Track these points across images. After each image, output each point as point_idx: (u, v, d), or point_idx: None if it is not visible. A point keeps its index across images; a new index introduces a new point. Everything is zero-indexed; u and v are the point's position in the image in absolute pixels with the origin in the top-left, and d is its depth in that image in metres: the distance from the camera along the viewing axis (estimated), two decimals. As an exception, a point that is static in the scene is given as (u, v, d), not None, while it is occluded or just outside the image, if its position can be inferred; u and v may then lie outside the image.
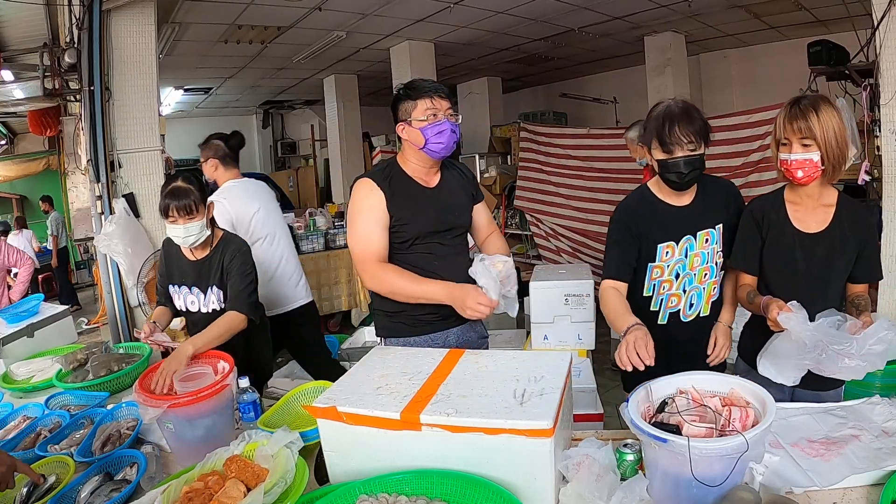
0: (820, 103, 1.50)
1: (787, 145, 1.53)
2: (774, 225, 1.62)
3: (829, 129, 1.48)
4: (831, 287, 1.60)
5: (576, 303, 3.29)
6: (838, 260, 1.58)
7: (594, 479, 1.11)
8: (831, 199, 1.59)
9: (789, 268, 1.61)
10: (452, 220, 1.87)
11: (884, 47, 3.04)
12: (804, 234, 1.59)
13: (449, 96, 1.77)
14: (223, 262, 2.02)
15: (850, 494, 1.13)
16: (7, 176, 7.72)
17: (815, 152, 1.49)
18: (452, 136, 1.76)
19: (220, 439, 1.40)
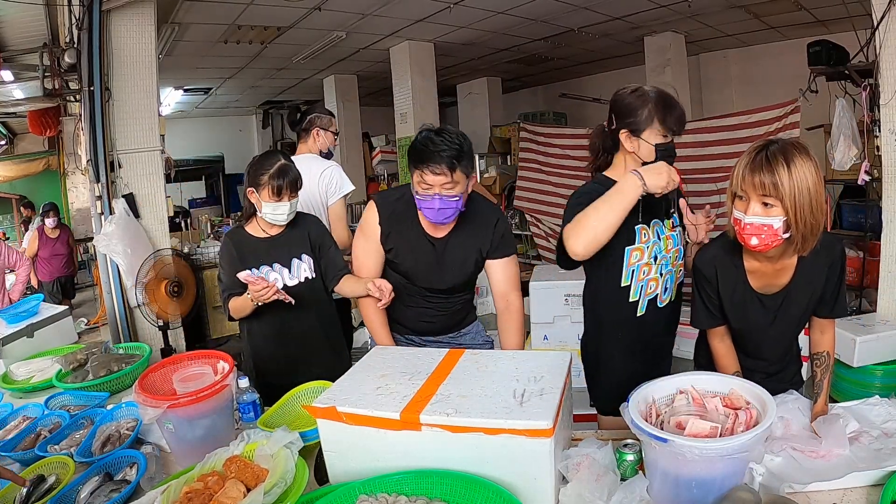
0: (793, 153, 1.21)
1: (744, 200, 1.25)
2: (728, 285, 1.42)
3: (802, 187, 1.18)
4: (789, 333, 1.51)
5: (576, 303, 3.29)
6: (796, 317, 1.44)
7: (594, 479, 1.11)
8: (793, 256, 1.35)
9: (746, 326, 1.47)
10: (448, 280, 1.81)
11: (883, 47, 3.05)
12: (762, 296, 1.41)
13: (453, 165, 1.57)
14: (309, 233, 2.02)
15: (849, 494, 1.13)
16: (7, 176, 7.71)
17: (777, 216, 1.21)
18: (445, 212, 1.63)
19: (219, 439, 1.40)
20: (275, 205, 1.90)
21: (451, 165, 1.57)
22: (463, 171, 1.60)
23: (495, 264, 1.81)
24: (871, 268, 3.98)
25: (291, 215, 1.95)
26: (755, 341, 1.51)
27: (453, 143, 1.58)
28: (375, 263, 1.83)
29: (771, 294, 1.41)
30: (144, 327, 3.55)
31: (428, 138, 1.60)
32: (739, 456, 1.01)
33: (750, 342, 1.52)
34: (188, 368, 1.61)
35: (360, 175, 8.53)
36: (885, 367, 3.09)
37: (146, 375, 1.56)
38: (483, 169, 7.20)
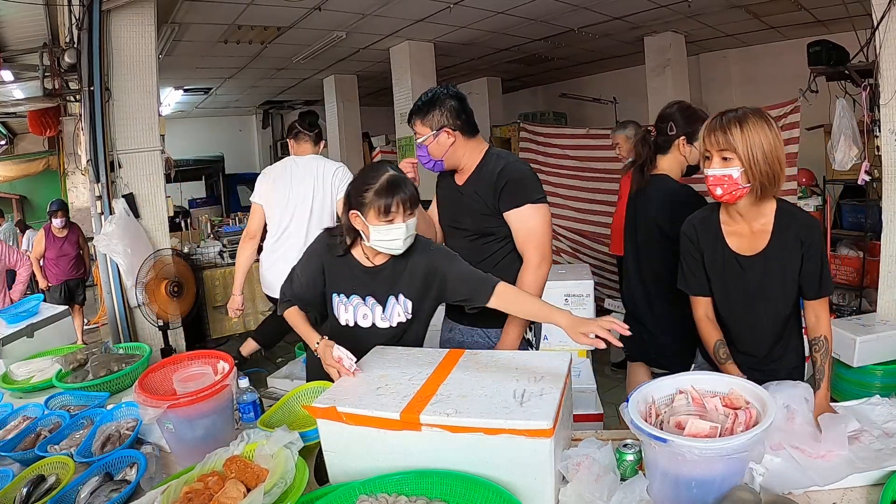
0: (748, 117, 1.40)
1: (709, 159, 1.44)
2: (709, 246, 1.54)
3: (754, 143, 1.37)
4: (778, 306, 1.53)
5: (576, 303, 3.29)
6: (777, 281, 1.49)
7: (594, 479, 1.11)
8: (769, 216, 1.48)
9: (727, 291, 1.54)
10: (453, 219, 1.95)
11: (883, 47, 3.05)
12: (742, 256, 1.50)
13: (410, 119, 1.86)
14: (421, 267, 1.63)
15: (849, 494, 1.13)
16: (7, 176, 7.71)
17: (735, 167, 1.39)
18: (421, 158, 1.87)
19: (219, 439, 1.40)
20: (386, 228, 1.53)
21: (412, 121, 1.85)
22: (424, 124, 1.81)
23: (508, 216, 1.80)
24: (871, 268, 3.98)
25: (409, 240, 1.58)
26: (741, 320, 1.55)
27: (421, 102, 1.82)
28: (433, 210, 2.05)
29: (749, 256, 1.50)
30: (144, 327, 3.55)
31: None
32: (739, 456, 1.01)
33: (736, 322, 1.56)
34: (188, 368, 1.61)
35: (361, 175, 8.53)
36: (885, 367, 3.09)
37: (146, 375, 1.56)
38: (483, 169, 7.19)
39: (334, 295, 1.69)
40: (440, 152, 1.83)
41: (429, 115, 1.80)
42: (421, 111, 1.81)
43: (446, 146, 1.82)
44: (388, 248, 1.56)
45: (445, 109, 1.80)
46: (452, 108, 1.81)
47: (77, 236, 5.53)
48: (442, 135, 1.80)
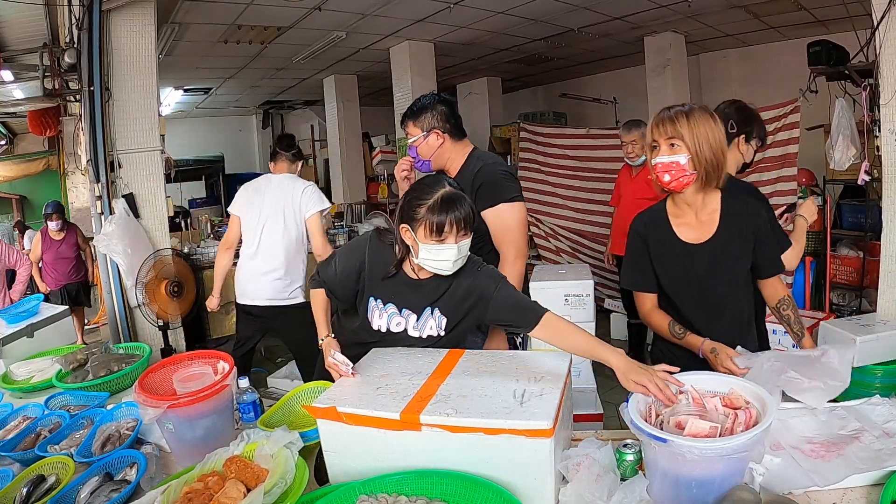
0: (694, 110, 1.47)
1: (657, 149, 1.50)
2: (660, 240, 1.59)
3: (700, 132, 1.44)
4: (735, 291, 1.58)
5: (576, 303, 3.29)
6: (730, 265, 1.54)
7: (594, 479, 1.11)
8: (715, 205, 1.55)
9: (682, 281, 1.58)
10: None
11: (883, 47, 3.05)
12: (691, 245, 1.56)
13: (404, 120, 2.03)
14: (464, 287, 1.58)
15: (849, 494, 1.13)
16: (7, 176, 7.70)
17: (682, 154, 1.45)
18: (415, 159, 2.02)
19: (219, 439, 1.40)
20: (437, 248, 1.46)
21: (404, 123, 2.02)
22: (415, 126, 1.97)
23: (485, 215, 1.87)
24: (871, 268, 3.98)
25: (460, 262, 1.51)
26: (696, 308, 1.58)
27: (413, 105, 1.99)
28: None
29: (697, 244, 1.55)
30: (144, 327, 3.55)
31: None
32: (739, 456, 1.01)
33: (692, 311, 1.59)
34: (188, 368, 1.61)
35: (360, 175, 8.53)
36: (885, 367, 3.08)
37: (146, 375, 1.56)
38: (483, 169, 7.18)
39: (371, 299, 1.62)
40: (429, 152, 1.98)
41: (420, 117, 1.95)
42: (414, 114, 1.97)
43: (434, 147, 1.97)
44: (437, 268, 1.50)
45: (436, 113, 1.95)
46: (442, 112, 1.96)
47: (76, 238, 5.31)
48: (431, 136, 1.95)
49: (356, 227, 5.63)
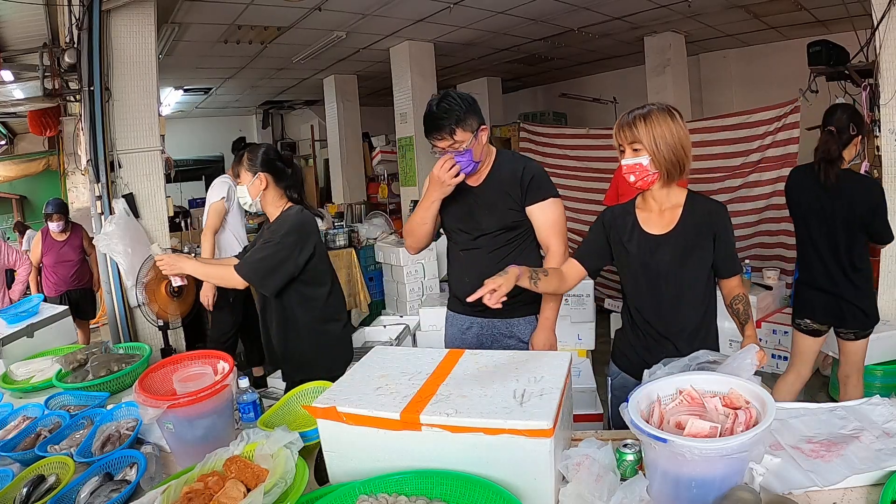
0: (652, 112, 1.54)
1: (623, 151, 1.59)
2: (625, 231, 1.68)
3: (658, 133, 1.52)
4: (690, 287, 1.63)
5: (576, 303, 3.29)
6: (688, 257, 1.61)
7: (594, 479, 1.11)
8: (678, 201, 1.64)
9: (639, 270, 1.66)
10: (476, 220, 1.97)
11: (883, 47, 3.05)
12: (650, 235, 1.65)
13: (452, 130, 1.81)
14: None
15: (849, 494, 1.13)
16: (7, 176, 7.70)
17: (644, 156, 1.54)
18: (463, 164, 1.85)
19: (219, 439, 1.40)
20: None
21: (451, 132, 1.81)
22: (465, 130, 1.82)
23: (532, 210, 1.94)
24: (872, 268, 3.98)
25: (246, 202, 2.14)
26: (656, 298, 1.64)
27: (450, 110, 1.80)
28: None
29: (659, 234, 1.64)
30: (144, 327, 3.55)
31: (428, 111, 1.84)
32: (739, 456, 1.01)
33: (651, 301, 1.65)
34: (188, 368, 1.61)
35: (360, 175, 8.53)
36: (885, 367, 3.09)
37: (146, 375, 1.56)
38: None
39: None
40: (479, 151, 1.90)
41: (467, 120, 1.83)
42: (459, 118, 1.81)
43: (483, 145, 1.91)
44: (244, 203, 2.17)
45: (474, 108, 1.87)
46: (477, 107, 1.90)
47: (80, 240, 4.87)
48: (481, 133, 1.88)
49: (356, 227, 5.63)
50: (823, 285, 2.52)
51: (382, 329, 3.71)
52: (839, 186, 2.39)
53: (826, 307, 2.52)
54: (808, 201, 2.51)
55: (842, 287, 2.47)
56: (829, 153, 2.39)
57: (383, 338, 3.57)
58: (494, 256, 1.95)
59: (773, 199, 4.27)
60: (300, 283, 2.10)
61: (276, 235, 2.05)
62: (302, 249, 2.05)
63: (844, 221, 2.42)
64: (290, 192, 2.19)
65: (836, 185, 2.39)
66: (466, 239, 2.01)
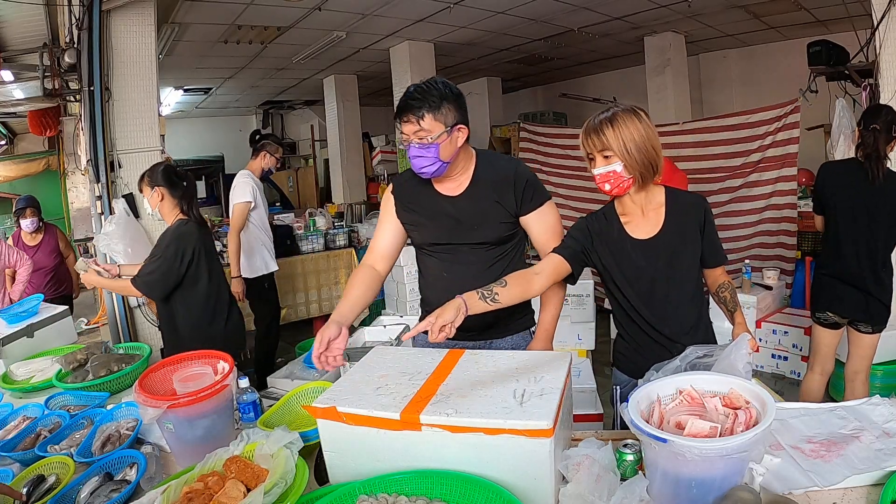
0: (617, 115, 1.50)
1: (593, 160, 1.55)
2: (613, 240, 1.63)
3: (626, 138, 1.48)
4: (682, 283, 1.62)
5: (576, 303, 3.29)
6: (681, 256, 1.60)
7: (594, 479, 1.11)
8: (659, 200, 1.61)
9: (636, 277, 1.62)
10: (462, 235, 1.72)
11: (884, 47, 3.05)
12: (641, 241, 1.61)
13: (421, 114, 1.56)
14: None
15: (849, 494, 1.13)
16: (7, 176, 7.70)
17: (616, 163, 1.50)
18: (424, 160, 1.60)
19: (219, 439, 1.40)
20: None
21: (419, 116, 1.56)
22: (436, 119, 1.57)
23: (529, 218, 1.74)
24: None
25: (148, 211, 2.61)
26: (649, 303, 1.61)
27: (426, 92, 1.57)
28: (386, 240, 1.80)
29: (647, 239, 1.61)
30: (144, 327, 3.55)
31: (406, 91, 1.61)
32: (739, 456, 1.01)
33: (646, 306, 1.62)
34: (188, 368, 1.61)
35: (360, 175, 8.53)
36: (885, 367, 3.09)
37: (146, 375, 1.56)
38: (483, 169, 7.18)
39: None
40: (450, 153, 1.62)
41: (442, 108, 1.57)
42: (433, 105, 1.56)
43: (457, 146, 1.64)
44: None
45: (457, 103, 1.62)
46: (463, 104, 1.65)
47: (55, 242, 4.45)
48: (455, 132, 1.61)
49: (356, 227, 5.63)
50: (854, 280, 2.55)
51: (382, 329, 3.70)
52: (886, 183, 2.44)
53: (854, 301, 2.55)
54: (850, 197, 2.53)
55: (869, 282, 2.52)
56: (878, 150, 2.43)
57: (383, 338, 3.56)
58: (485, 275, 1.68)
59: (773, 199, 4.27)
60: (181, 287, 2.41)
61: (158, 250, 2.39)
62: (183, 258, 2.36)
63: (889, 217, 2.47)
64: (183, 203, 2.48)
65: (883, 182, 2.43)
66: (449, 257, 1.76)
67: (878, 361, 2.93)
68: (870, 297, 2.52)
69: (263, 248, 3.80)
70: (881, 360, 2.97)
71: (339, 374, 1.68)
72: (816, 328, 2.72)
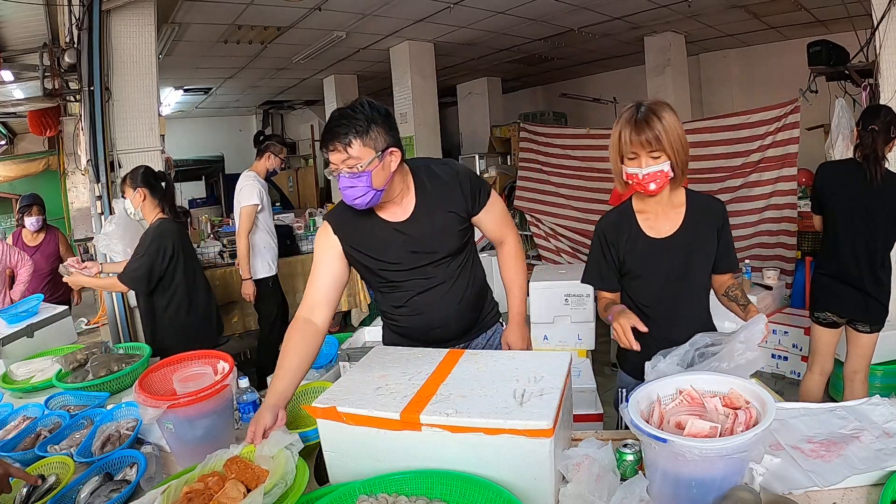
0: (661, 109, 1.47)
1: (636, 159, 1.49)
2: (629, 239, 1.63)
3: (674, 135, 1.46)
4: (692, 284, 1.63)
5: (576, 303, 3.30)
6: (695, 257, 1.60)
7: (594, 479, 1.11)
8: (681, 199, 1.61)
9: (651, 275, 1.63)
10: (426, 256, 1.64)
11: (884, 47, 3.05)
12: (657, 239, 1.61)
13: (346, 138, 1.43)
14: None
15: (849, 494, 1.13)
16: (7, 176, 7.70)
17: (665, 162, 1.48)
18: (356, 191, 1.48)
19: (219, 440, 1.40)
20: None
21: (346, 143, 1.43)
22: (365, 145, 1.44)
23: (480, 216, 1.69)
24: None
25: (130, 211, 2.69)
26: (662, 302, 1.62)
27: (351, 117, 1.44)
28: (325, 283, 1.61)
29: (664, 238, 1.61)
30: (144, 327, 3.54)
31: (330, 116, 1.49)
32: (739, 456, 1.01)
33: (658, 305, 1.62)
34: (188, 368, 1.61)
35: (360, 175, 8.52)
36: (885, 367, 3.09)
37: (146, 375, 1.56)
38: (483, 169, 7.20)
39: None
40: (383, 180, 1.50)
41: (371, 132, 1.45)
42: (360, 130, 1.44)
43: (390, 171, 1.51)
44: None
45: (387, 125, 1.49)
46: (392, 123, 1.53)
47: (56, 245, 4.28)
48: (388, 156, 1.49)
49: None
50: (852, 279, 2.56)
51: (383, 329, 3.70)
52: (884, 184, 2.44)
53: (853, 301, 2.56)
54: (849, 197, 2.54)
55: (867, 282, 2.53)
56: (876, 151, 2.44)
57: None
58: (457, 286, 1.68)
59: (773, 199, 4.27)
60: (161, 281, 2.58)
61: (142, 248, 2.55)
62: (164, 254, 2.54)
63: (888, 218, 2.47)
64: (163, 203, 2.66)
65: (881, 183, 2.44)
66: (415, 283, 1.67)
67: (878, 361, 2.93)
68: (868, 296, 2.53)
69: (267, 250, 3.81)
70: (881, 360, 2.97)
71: (338, 374, 1.68)
72: (815, 327, 2.72)
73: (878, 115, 2.49)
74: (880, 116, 2.48)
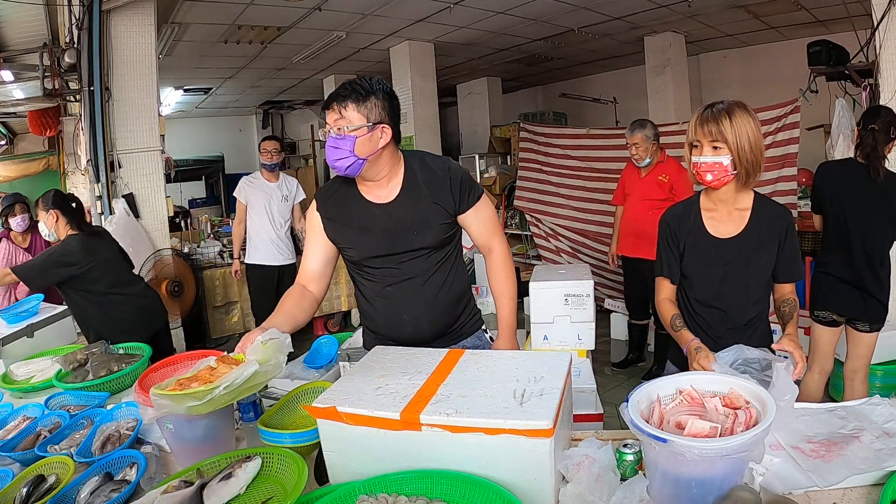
0: (735, 108, 1.51)
1: (699, 147, 1.54)
2: (690, 233, 1.65)
3: (741, 133, 1.48)
4: (752, 288, 1.63)
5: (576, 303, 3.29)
6: (755, 262, 1.60)
7: (594, 479, 1.11)
8: (747, 203, 1.62)
9: (707, 274, 1.64)
10: (404, 243, 1.64)
11: (883, 47, 3.05)
12: (719, 239, 1.62)
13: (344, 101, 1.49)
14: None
15: (849, 494, 1.13)
16: (7, 176, 7.69)
17: (725, 155, 1.50)
18: (337, 152, 1.51)
19: (219, 440, 1.40)
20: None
21: (343, 106, 1.49)
22: (358, 109, 1.49)
23: (467, 216, 1.69)
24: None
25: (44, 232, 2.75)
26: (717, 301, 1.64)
27: (357, 84, 1.51)
28: (316, 260, 1.71)
29: (726, 238, 1.62)
30: (144, 327, 3.54)
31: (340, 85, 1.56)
32: (739, 456, 1.01)
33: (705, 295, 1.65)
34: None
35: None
36: (885, 367, 3.09)
37: (146, 375, 1.56)
38: (483, 169, 7.20)
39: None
40: (368, 150, 1.53)
41: (368, 102, 1.50)
42: (359, 95, 1.50)
43: (377, 146, 1.54)
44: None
45: (389, 103, 1.55)
46: (394, 106, 1.58)
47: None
48: (378, 130, 1.53)
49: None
50: (851, 279, 2.57)
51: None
52: (884, 183, 2.45)
53: (852, 300, 2.57)
54: (849, 197, 2.55)
55: (867, 281, 2.54)
56: (877, 151, 2.45)
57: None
58: (432, 283, 1.67)
59: (773, 199, 4.27)
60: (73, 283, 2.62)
61: (46, 254, 2.68)
62: (66, 264, 2.59)
63: (887, 217, 2.49)
64: (73, 222, 2.72)
65: (882, 182, 2.45)
66: (390, 271, 1.67)
67: (878, 361, 2.93)
68: (868, 296, 2.53)
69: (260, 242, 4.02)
70: (881, 359, 2.97)
71: (338, 374, 1.68)
72: (815, 326, 2.73)
73: (878, 115, 2.50)
74: (880, 116, 2.48)
